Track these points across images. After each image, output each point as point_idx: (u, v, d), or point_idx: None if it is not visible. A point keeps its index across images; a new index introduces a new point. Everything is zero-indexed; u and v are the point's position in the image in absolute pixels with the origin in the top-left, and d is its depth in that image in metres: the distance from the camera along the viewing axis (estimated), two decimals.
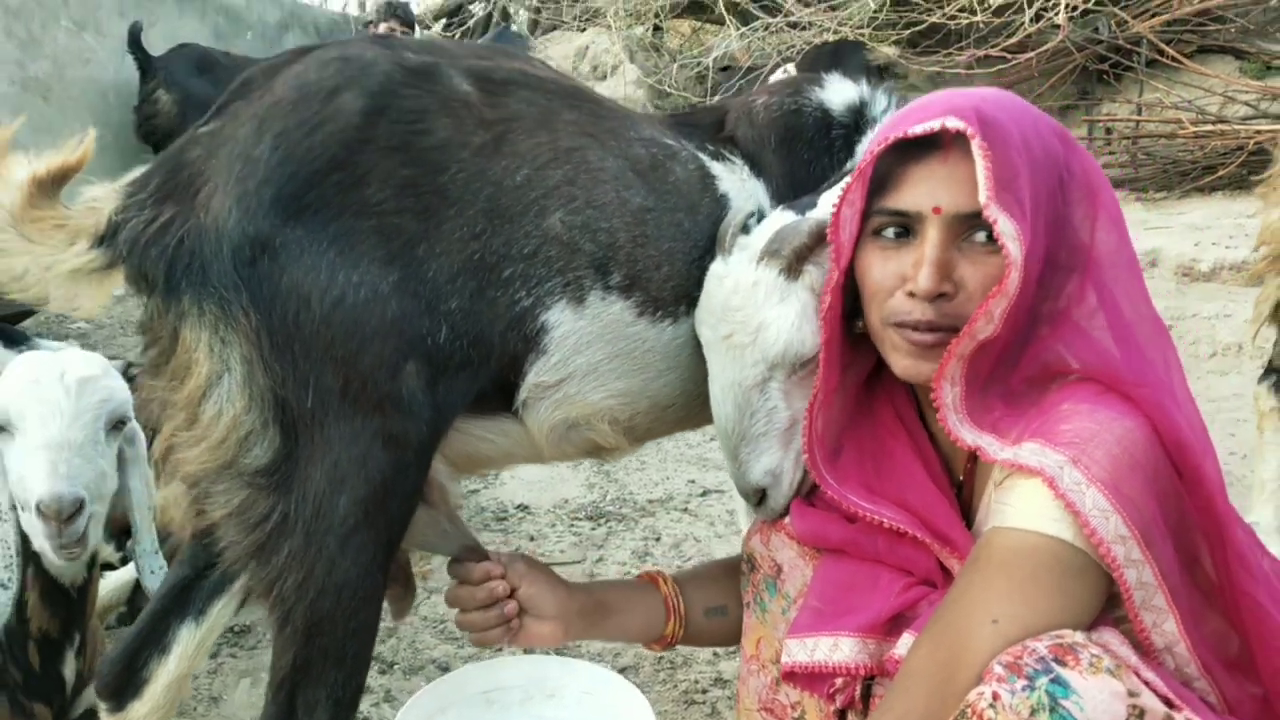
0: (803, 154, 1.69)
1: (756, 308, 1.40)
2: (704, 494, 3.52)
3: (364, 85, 1.34)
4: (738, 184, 1.64)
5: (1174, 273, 5.00)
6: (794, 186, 1.66)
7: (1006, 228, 1.12)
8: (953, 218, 1.19)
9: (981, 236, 1.18)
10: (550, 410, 1.48)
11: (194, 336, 1.25)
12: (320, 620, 1.29)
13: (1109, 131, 7.26)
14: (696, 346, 1.52)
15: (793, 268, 1.39)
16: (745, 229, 1.48)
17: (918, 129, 1.17)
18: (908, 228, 1.23)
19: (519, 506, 3.45)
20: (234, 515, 1.29)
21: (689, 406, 1.58)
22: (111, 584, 2.47)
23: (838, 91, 1.73)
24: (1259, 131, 6.21)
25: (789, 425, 1.44)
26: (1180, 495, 1.13)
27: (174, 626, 1.55)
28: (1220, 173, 6.30)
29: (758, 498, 1.48)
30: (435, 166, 1.34)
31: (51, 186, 1.28)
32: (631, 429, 1.56)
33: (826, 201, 1.42)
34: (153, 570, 2.09)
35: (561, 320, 1.42)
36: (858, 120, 1.71)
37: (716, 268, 1.48)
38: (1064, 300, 1.20)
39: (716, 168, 1.64)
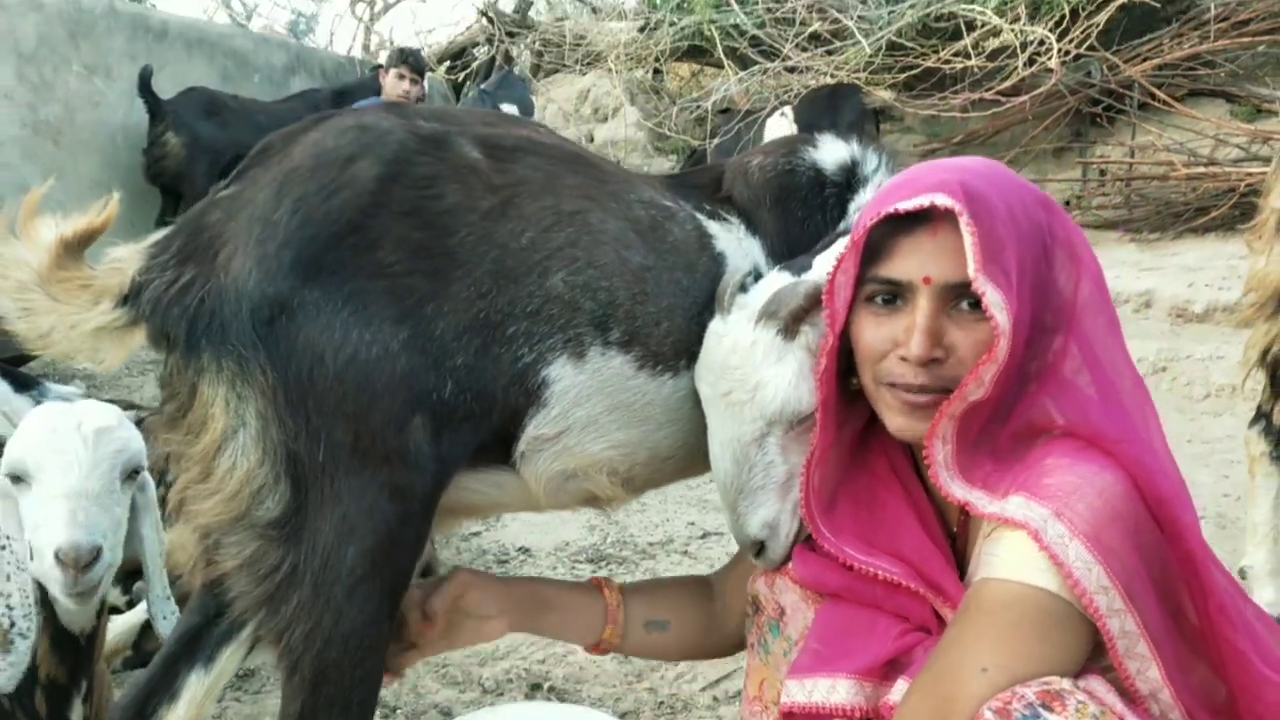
0: (797, 212, 1.74)
1: (754, 367, 1.45)
2: (704, 536, 3.55)
3: (379, 153, 1.40)
4: (734, 243, 1.69)
5: (1168, 314, 5.06)
6: (789, 244, 1.72)
7: (994, 298, 1.17)
8: (942, 287, 1.25)
9: (969, 304, 1.24)
10: (549, 461, 1.52)
11: (211, 392, 1.30)
12: (327, 669, 1.33)
13: (1103, 173, 7.37)
14: (696, 400, 1.56)
15: (789, 328, 1.45)
16: (743, 288, 1.54)
17: (908, 205, 1.23)
18: (899, 295, 1.29)
19: (520, 549, 3.48)
20: (245, 566, 1.33)
21: (688, 458, 1.62)
22: (118, 628, 2.50)
23: (830, 151, 1.78)
24: (1250, 174, 6.30)
25: (786, 479, 1.48)
26: (1162, 546, 1.18)
27: (183, 673, 1.58)
28: (1213, 214, 6.39)
29: (756, 549, 1.52)
30: (445, 230, 1.41)
31: (77, 247, 1.34)
32: (630, 480, 1.60)
33: (822, 264, 1.48)
34: (165, 616, 2.12)
35: (562, 375, 1.47)
36: (850, 179, 1.76)
37: (715, 326, 1.53)
38: (1050, 358, 1.26)
39: (713, 227, 1.69)
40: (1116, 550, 1.12)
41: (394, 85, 6.25)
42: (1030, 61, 7.45)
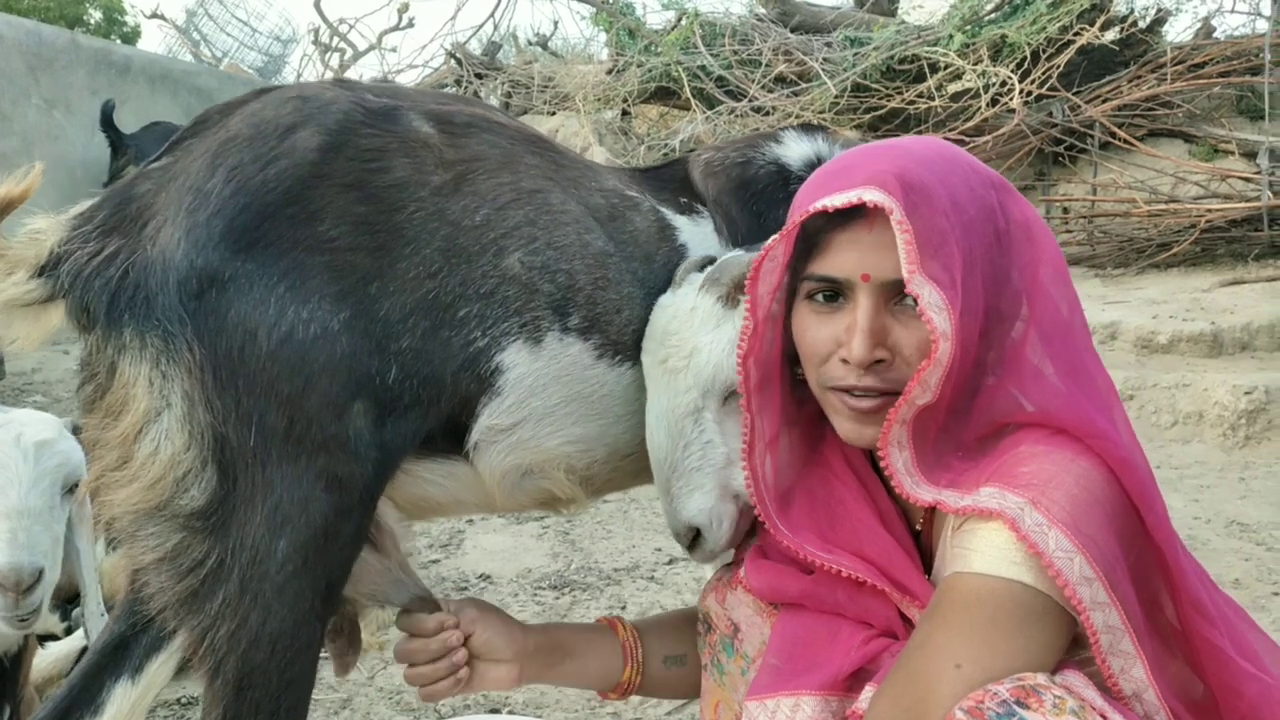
0: (756, 206, 1.68)
1: (692, 332, 1.39)
2: (670, 562, 3.45)
3: (321, 123, 1.33)
4: (699, 235, 1.63)
5: (1133, 345, 5.07)
6: (756, 239, 1.66)
7: (932, 299, 1.10)
8: (882, 284, 1.18)
9: (914, 299, 1.16)
10: (503, 455, 1.43)
11: (133, 371, 1.20)
12: (253, 671, 1.22)
13: (1066, 211, 7.45)
14: None
15: (731, 296, 1.38)
16: (700, 269, 1.48)
17: (837, 201, 1.15)
18: (840, 293, 1.22)
19: (481, 576, 3.36)
20: (166, 560, 1.22)
21: (648, 455, 1.54)
22: (54, 655, 2.37)
23: (794, 146, 1.73)
24: (1210, 210, 6.39)
25: (725, 464, 1.40)
26: (1139, 536, 1.11)
27: (108, 685, 1.45)
28: (1174, 250, 6.46)
29: (690, 537, 1.42)
30: (392, 205, 1.33)
31: None
32: (589, 478, 1.51)
33: None
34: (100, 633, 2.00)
35: (517, 361, 1.39)
36: None
37: (664, 298, 1.47)
38: (1009, 347, 1.19)
39: (678, 220, 1.63)
40: (1097, 539, 1.05)
41: None
42: (993, 102, 7.57)
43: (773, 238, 1.25)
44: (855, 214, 1.18)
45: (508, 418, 1.41)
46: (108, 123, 7.29)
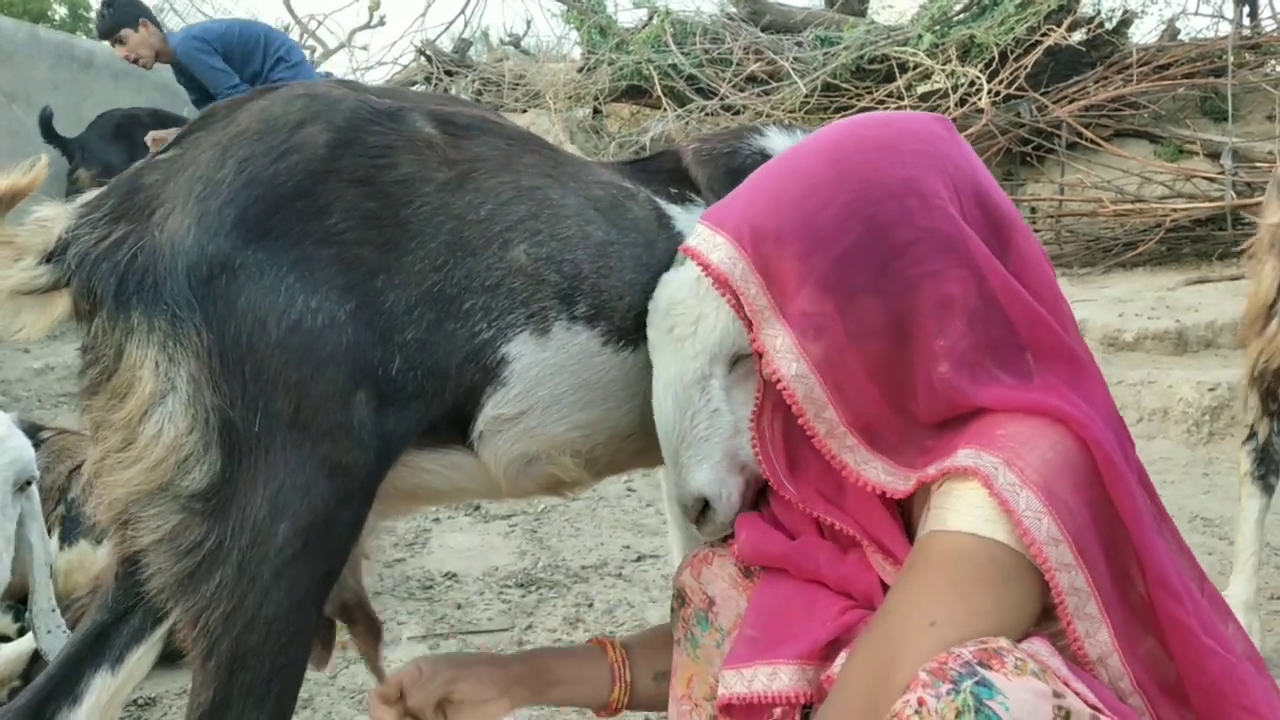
0: None
1: (698, 301, 1.44)
2: (639, 559, 3.45)
3: (330, 119, 1.36)
4: (693, 223, 1.67)
5: (1100, 342, 5.15)
6: None
7: (783, 345, 1.21)
8: None
9: None
10: (510, 444, 1.46)
11: (140, 354, 1.22)
12: (246, 654, 1.23)
13: (1034, 210, 7.54)
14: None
15: None
16: None
17: (697, 257, 1.27)
18: None
19: (446, 574, 3.33)
20: (165, 541, 1.24)
21: (648, 435, 1.57)
22: (6, 656, 2.34)
23: (776, 139, 1.81)
24: (1175, 210, 6.50)
25: (732, 432, 1.43)
26: (1111, 506, 1.13)
27: (87, 675, 1.45)
28: (1140, 249, 6.56)
29: (698, 509, 1.45)
30: (399, 200, 1.36)
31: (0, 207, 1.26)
32: (593, 461, 1.55)
33: None
34: (49, 629, 2.00)
35: (524, 352, 1.42)
36: None
37: (667, 275, 1.53)
38: (959, 337, 1.20)
39: (673, 209, 1.69)
40: (1069, 503, 1.08)
41: None
42: (961, 102, 7.64)
43: None
44: None
45: (514, 407, 1.44)
46: (49, 132, 6.86)
